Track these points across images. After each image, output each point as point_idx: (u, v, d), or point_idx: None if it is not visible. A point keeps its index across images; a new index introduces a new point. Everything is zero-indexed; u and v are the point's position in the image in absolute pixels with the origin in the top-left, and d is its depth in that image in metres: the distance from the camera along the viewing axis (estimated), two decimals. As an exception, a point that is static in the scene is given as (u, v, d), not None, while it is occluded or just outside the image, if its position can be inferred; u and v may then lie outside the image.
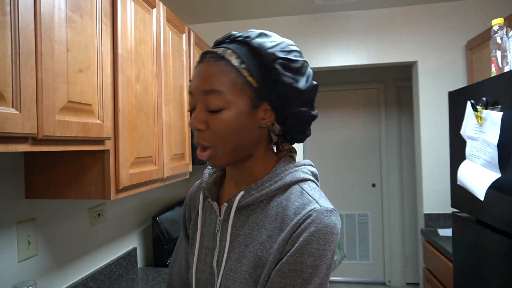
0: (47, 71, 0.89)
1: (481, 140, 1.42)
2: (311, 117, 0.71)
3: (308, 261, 0.60)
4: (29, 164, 1.25)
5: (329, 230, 0.62)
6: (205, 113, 0.65)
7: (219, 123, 0.64)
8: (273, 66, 0.65)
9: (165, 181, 1.69)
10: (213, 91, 0.64)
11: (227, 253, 0.69)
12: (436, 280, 2.34)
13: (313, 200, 0.65)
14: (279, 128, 0.71)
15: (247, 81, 0.65)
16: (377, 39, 2.78)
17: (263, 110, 0.67)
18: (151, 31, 1.54)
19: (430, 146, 2.70)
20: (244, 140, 0.67)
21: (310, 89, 0.69)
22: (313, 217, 0.62)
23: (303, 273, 0.60)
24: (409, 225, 3.76)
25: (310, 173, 0.72)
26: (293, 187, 0.68)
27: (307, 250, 0.60)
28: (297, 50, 0.70)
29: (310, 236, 0.61)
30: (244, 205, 0.69)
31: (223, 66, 0.65)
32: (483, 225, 1.51)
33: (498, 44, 1.46)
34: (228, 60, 0.65)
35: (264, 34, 0.69)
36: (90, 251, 1.62)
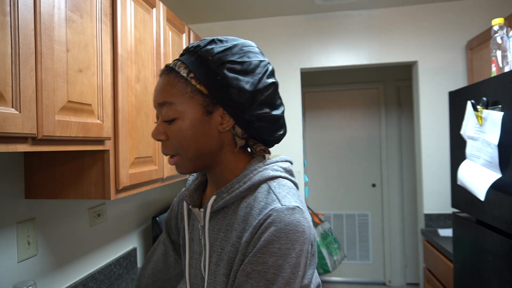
0: (47, 71, 0.89)
1: (481, 140, 1.41)
2: (273, 117, 0.70)
3: (270, 261, 0.59)
4: (29, 164, 1.25)
5: (291, 228, 0.61)
6: (163, 124, 0.69)
7: (175, 132, 0.68)
8: (219, 71, 0.66)
9: (165, 181, 1.68)
10: (165, 103, 0.68)
11: (208, 258, 0.70)
12: (436, 280, 2.34)
13: (276, 199, 0.64)
14: (241, 131, 0.70)
15: (197, 89, 0.67)
16: (377, 39, 2.78)
17: (219, 115, 0.68)
18: (151, 31, 1.54)
19: (430, 146, 2.70)
20: (204, 146, 0.68)
21: (263, 89, 0.68)
22: (273, 217, 0.61)
23: (266, 273, 0.59)
24: (409, 225, 3.76)
25: (282, 170, 0.72)
26: (262, 186, 0.68)
27: (268, 250, 0.60)
28: (251, 51, 0.69)
29: (271, 236, 0.60)
30: (217, 208, 0.70)
31: (172, 78, 0.68)
32: (483, 225, 1.51)
33: (498, 44, 1.46)
34: (177, 72, 0.68)
35: (215, 40, 0.69)
36: (90, 251, 1.62)
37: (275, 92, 0.70)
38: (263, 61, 0.70)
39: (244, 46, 0.69)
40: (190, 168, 0.70)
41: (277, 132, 0.73)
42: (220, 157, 0.71)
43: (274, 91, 0.70)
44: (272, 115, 0.69)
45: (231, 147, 0.72)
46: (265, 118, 0.69)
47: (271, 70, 0.71)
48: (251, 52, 0.69)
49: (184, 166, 0.70)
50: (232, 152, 0.72)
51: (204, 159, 0.70)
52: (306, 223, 0.63)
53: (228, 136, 0.70)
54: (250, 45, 0.71)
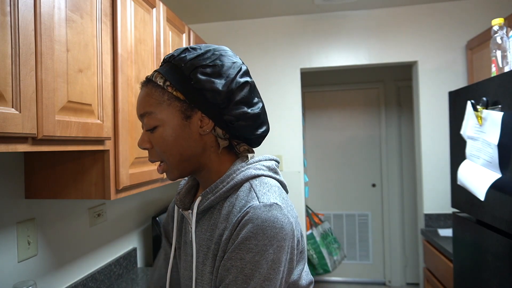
0: (47, 71, 0.89)
1: (481, 140, 1.42)
2: (251, 115, 0.71)
3: (247, 258, 0.61)
4: (29, 164, 1.25)
5: (268, 224, 0.62)
6: (147, 133, 0.73)
7: (157, 140, 0.71)
8: (192, 76, 0.68)
9: (165, 181, 1.69)
10: (145, 113, 0.71)
11: (195, 258, 0.72)
12: (436, 280, 2.34)
13: (256, 196, 0.66)
14: (222, 132, 0.72)
15: (174, 96, 0.70)
16: (377, 39, 2.78)
17: (198, 119, 0.70)
18: (151, 31, 1.54)
19: (430, 146, 2.70)
20: (186, 150, 0.71)
21: (236, 88, 0.69)
22: (250, 214, 0.63)
23: (244, 269, 0.61)
24: (409, 225, 3.76)
25: (265, 168, 0.73)
26: (244, 185, 0.70)
27: (246, 247, 0.61)
28: (223, 55, 0.71)
29: (248, 233, 0.61)
30: (203, 209, 0.72)
31: (150, 88, 0.71)
32: (483, 225, 1.51)
33: (498, 44, 1.46)
34: (154, 82, 0.71)
35: (189, 49, 0.72)
36: (90, 251, 1.62)
37: (251, 91, 0.72)
38: (236, 62, 0.72)
39: (216, 50, 0.72)
40: (176, 173, 0.73)
41: (258, 130, 0.74)
42: (204, 160, 0.73)
43: (249, 90, 0.71)
44: (249, 113, 0.71)
45: (215, 149, 0.73)
46: (243, 117, 0.70)
47: (244, 70, 0.72)
48: (223, 55, 0.71)
49: (171, 172, 0.73)
50: (216, 153, 0.74)
51: (189, 163, 0.72)
52: (285, 219, 0.64)
53: (210, 138, 0.72)
54: (222, 49, 0.73)
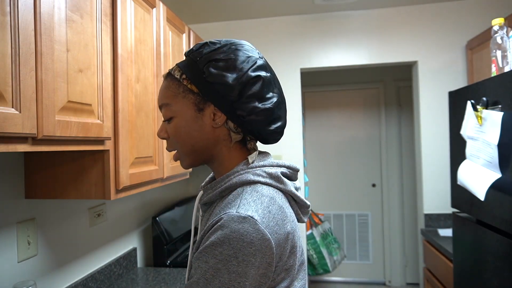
0: (47, 71, 0.89)
1: (481, 140, 1.42)
2: (263, 110, 0.71)
3: (210, 262, 0.61)
4: (29, 164, 1.25)
5: (236, 236, 0.60)
6: (165, 123, 0.77)
7: (173, 130, 0.74)
8: (205, 69, 0.70)
9: (165, 181, 1.68)
10: (162, 105, 0.75)
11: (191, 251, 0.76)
12: (436, 280, 2.34)
13: (236, 204, 0.65)
14: (234, 125, 0.73)
15: (188, 89, 0.72)
16: (377, 39, 2.78)
17: (211, 111, 0.72)
18: (151, 31, 1.54)
19: (430, 146, 2.70)
20: (198, 141, 0.73)
21: (249, 82, 0.69)
22: (223, 221, 0.62)
23: (206, 273, 0.61)
24: (409, 225, 3.76)
25: (266, 175, 0.71)
26: (237, 189, 0.70)
27: (212, 252, 0.61)
28: (239, 49, 0.71)
29: (215, 239, 0.61)
30: (203, 203, 0.76)
31: (169, 81, 0.75)
32: (483, 225, 1.51)
33: (498, 44, 1.46)
34: (172, 75, 0.75)
35: (208, 43, 0.73)
36: (90, 251, 1.62)
37: (263, 86, 0.71)
38: (251, 56, 0.71)
39: (233, 44, 0.72)
40: (188, 162, 0.76)
41: (271, 125, 0.73)
42: (216, 152, 0.75)
43: (262, 85, 0.71)
44: (260, 108, 0.70)
45: (227, 142, 0.74)
46: (254, 111, 0.70)
47: (259, 64, 0.72)
48: (239, 49, 0.71)
49: (183, 160, 0.77)
50: (227, 147, 0.75)
51: (200, 154, 0.75)
52: (256, 235, 0.61)
53: (223, 131, 0.73)
54: (240, 43, 0.73)
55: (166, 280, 1.78)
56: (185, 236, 2.33)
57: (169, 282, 1.75)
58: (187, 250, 2.27)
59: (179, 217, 2.30)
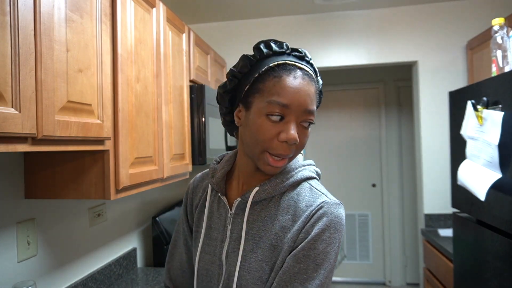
0: (46, 71, 0.89)
1: (481, 140, 1.41)
2: None
3: (320, 248, 0.67)
4: (29, 164, 1.25)
5: (338, 220, 0.70)
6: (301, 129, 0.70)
7: (305, 137, 0.72)
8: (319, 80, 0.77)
9: (165, 181, 1.68)
10: (313, 111, 0.71)
11: (243, 245, 0.73)
12: (436, 280, 2.34)
13: (322, 194, 0.74)
14: None
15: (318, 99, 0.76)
16: (377, 39, 2.78)
17: None
18: (151, 31, 1.54)
19: (430, 146, 2.70)
20: None
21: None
22: (325, 209, 0.70)
23: (316, 258, 0.67)
24: (409, 225, 3.76)
25: (315, 172, 0.81)
26: (303, 183, 0.76)
27: (320, 238, 0.67)
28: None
29: (323, 225, 0.68)
30: (258, 200, 0.74)
31: (314, 86, 0.72)
32: (484, 225, 1.51)
33: (499, 44, 1.46)
34: (316, 81, 0.74)
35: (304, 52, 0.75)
36: (90, 251, 1.62)
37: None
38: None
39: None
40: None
41: None
42: None
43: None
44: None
45: None
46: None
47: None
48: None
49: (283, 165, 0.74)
50: None
51: None
52: (344, 218, 0.73)
53: None
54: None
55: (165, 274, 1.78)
56: (185, 236, 2.33)
57: (169, 282, 1.75)
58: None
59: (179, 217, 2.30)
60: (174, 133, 1.77)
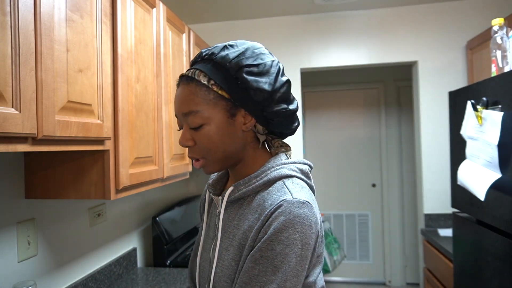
0: (47, 71, 0.89)
1: (481, 140, 1.42)
2: (290, 111, 0.75)
3: (277, 249, 0.63)
4: (29, 164, 1.25)
5: (299, 220, 0.64)
6: (190, 131, 0.73)
7: (203, 138, 0.72)
8: (238, 76, 0.70)
9: (165, 181, 1.68)
10: (190, 112, 0.71)
11: (219, 243, 0.75)
12: (436, 280, 2.34)
13: (289, 192, 0.69)
14: (262, 128, 0.76)
15: (219, 95, 0.71)
16: (377, 39, 2.78)
17: (241, 116, 0.73)
18: (151, 31, 1.54)
19: (430, 146, 2.70)
20: (230, 146, 0.73)
21: (279, 87, 0.72)
22: (283, 207, 0.65)
23: (274, 260, 0.63)
24: (409, 225, 3.76)
25: (298, 171, 0.76)
26: (277, 182, 0.72)
27: (277, 238, 0.64)
28: (262, 53, 0.74)
29: (280, 225, 0.64)
30: (233, 199, 0.75)
31: (194, 87, 0.71)
32: (483, 225, 1.51)
33: (498, 44, 1.46)
34: (198, 80, 0.71)
35: (227, 46, 0.73)
36: (90, 251, 1.62)
37: (289, 89, 0.75)
38: (274, 60, 0.74)
39: (255, 48, 0.73)
40: (217, 168, 0.76)
41: (293, 124, 0.78)
42: (243, 155, 0.77)
43: (288, 88, 0.75)
44: (289, 110, 0.74)
45: (254, 144, 0.78)
46: (284, 114, 0.74)
47: (282, 69, 0.76)
48: (262, 53, 0.73)
49: (211, 167, 0.75)
50: (253, 148, 0.78)
51: (230, 159, 0.75)
52: (313, 219, 0.67)
53: (250, 134, 0.76)
54: (259, 47, 0.75)
55: (166, 280, 1.78)
56: (185, 236, 2.33)
57: (169, 282, 1.75)
58: (187, 250, 2.27)
59: (179, 217, 2.30)
60: (174, 133, 1.77)
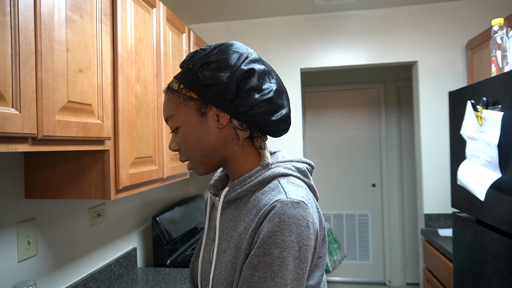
0: (47, 71, 0.89)
1: (481, 140, 1.42)
2: (264, 100, 0.70)
3: (275, 253, 0.61)
4: (29, 164, 1.25)
5: (294, 221, 0.62)
6: (174, 135, 0.78)
7: (181, 139, 0.75)
8: (199, 74, 0.72)
9: (165, 181, 1.69)
10: (168, 117, 0.76)
11: (217, 244, 0.74)
12: (436, 280, 2.34)
13: (283, 192, 0.67)
14: (238, 122, 0.73)
15: (188, 97, 0.74)
16: (377, 39, 2.78)
17: (214, 114, 0.73)
18: (151, 31, 1.54)
19: (430, 146, 2.70)
20: (208, 145, 0.74)
21: (242, 77, 0.69)
22: (277, 208, 0.63)
23: (272, 265, 0.61)
24: (409, 225, 3.76)
25: (295, 169, 0.74)
26: (272, 181, 0.71)
27: (273, 242, 0.61)
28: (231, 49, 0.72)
29: (274, 227, 0.62)
30: (229, 200, 0.75)
31: (170, 94, 0.76)
32: (483, 225, 1.51)
33: (498, 44, 1.46)
34: (172, 88, 0.76)
35: (198, 50, 0.74)
36: (90, 251, 1.62)
37: (258, 78, 0.71)
38: (242, 53, 0.72)
39: (223, 46, 0.73)
40: (203, 168, 0.77)
41: (274, 115, 0.73)
42: (228, 153, 0.76)
43: (257, 77, 0.71)
44: (260, 100, 0.70)
45: (236, 141, 0.76)
46: (255, 104, 0.70)
47: (251, 58, 0.72)
48: (228, 49, 0.72)
49: (198, 168, 0.77)
50: (238, 145, 0.76)
51: (212, 158, 0.75)
52: (310, 219, 0.65)
53: (229, 131, 0.74)
54: (229, 44, 0.74)
55: (166, 280, 1.78)
56: (185, 236, 2.33)
57: (169, 282, 1.75)
58: (187, 250, 2.27)
59: (179, 217, 2.30)
60: (174, 133, 1.77)
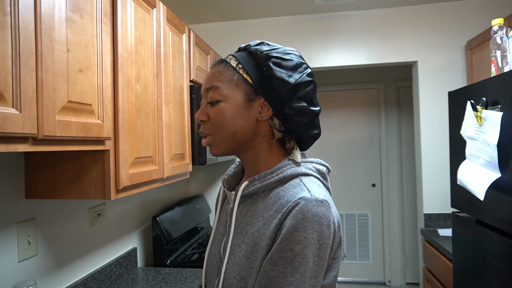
0: (47, 71, 0.89)
1: (481, 140, 1.42)
2: (311, 112, 0.74)
3: (296, 249, 0.61)
4: (29, 164, 1.25)
5: (317, 219, 0.63)
6: (207, 107, 0.76)
7: (216, 113, 0.74)
8: (265, 64, 0.72)
9: (165, 181, 1.69)
10: (212, 87, 0.74)
11: (231, 239, 0.74)
12: (436, 280, 2.34)
13: (307, 189, 0.67)
14: (279, 123, 0.75)
15: (243, 78, 0.73)
16: (377, 39, 2.78)
17: (259, 104, 0.74)
18: (151, 31, 1.54)
19: (430, 146, 2.70)
20: (240, 129, 0.73)
21: (303, 84, 0.73)
22: (301, 205, 0.64)
23: (292, 261, 0.61)
24: (409, 225, 3.77)
25: (315, 170, 0.75)
26: (293, 180, 0.71)
27: (295, 238, 0.62)
28: (295, 54, 0.76)
29: (297, 224, 0.62)
30: (247, 194, 0.74)
31: (222, 67, 0.75)
32: (483, 225, 1.51)
33: (498, 44, 1.47)
34: (228, 62, 0.75)
35: (264, 42, 0.77)
36: (90, 251, 1.62)
37: (313, 90, 0.75)
38: (304, 63, 0.76)
39: (288, 49, 0.77)
40: (223, 148, 0.75)
41: (312, 130, 0.77)
42: (254, 145, 0.76)
43: (313, 89, 0.75)
44: (309, 110, 0.73)
45: (267, 138, 0.76)
46: (303, 112, 0.73)
47: (310, 72, 0.76)
48: (294, 54, 0.76)
49: (217, 146, 0.76)
50: (267, 143, 0.76)
51: (237, 143, 0.75)
52: (331, 219, 0.65)
53: (265, 126, 0.75)
54: (293, 50, 0.77)
55: (166, 280, 1.78)
56: (185, 236, 2.33)
57: (169, 282, 1.75)
58: (187, 250, 2.28)
59: (179, 217, 2.30)
60: (174, 133, 1.77)
